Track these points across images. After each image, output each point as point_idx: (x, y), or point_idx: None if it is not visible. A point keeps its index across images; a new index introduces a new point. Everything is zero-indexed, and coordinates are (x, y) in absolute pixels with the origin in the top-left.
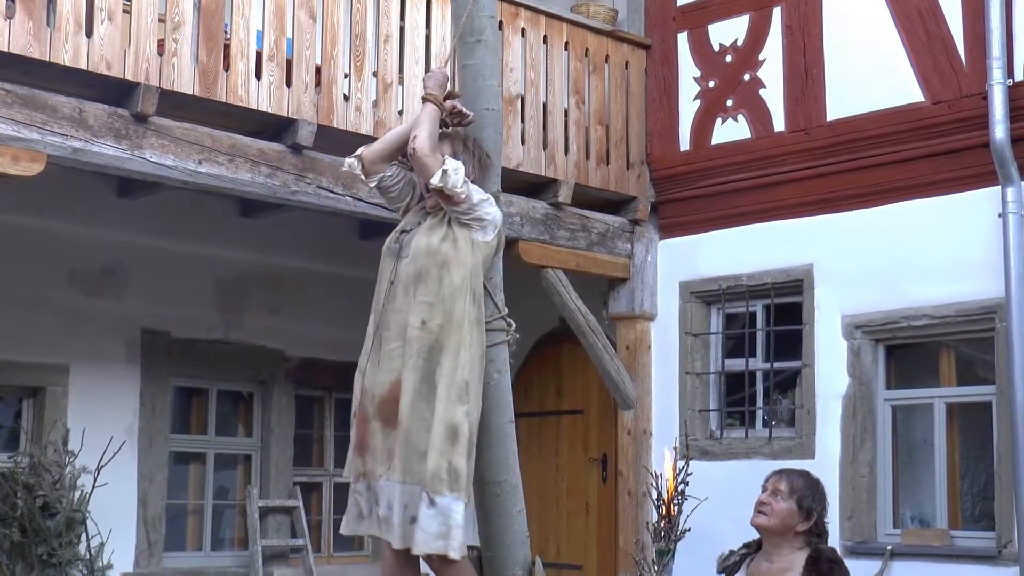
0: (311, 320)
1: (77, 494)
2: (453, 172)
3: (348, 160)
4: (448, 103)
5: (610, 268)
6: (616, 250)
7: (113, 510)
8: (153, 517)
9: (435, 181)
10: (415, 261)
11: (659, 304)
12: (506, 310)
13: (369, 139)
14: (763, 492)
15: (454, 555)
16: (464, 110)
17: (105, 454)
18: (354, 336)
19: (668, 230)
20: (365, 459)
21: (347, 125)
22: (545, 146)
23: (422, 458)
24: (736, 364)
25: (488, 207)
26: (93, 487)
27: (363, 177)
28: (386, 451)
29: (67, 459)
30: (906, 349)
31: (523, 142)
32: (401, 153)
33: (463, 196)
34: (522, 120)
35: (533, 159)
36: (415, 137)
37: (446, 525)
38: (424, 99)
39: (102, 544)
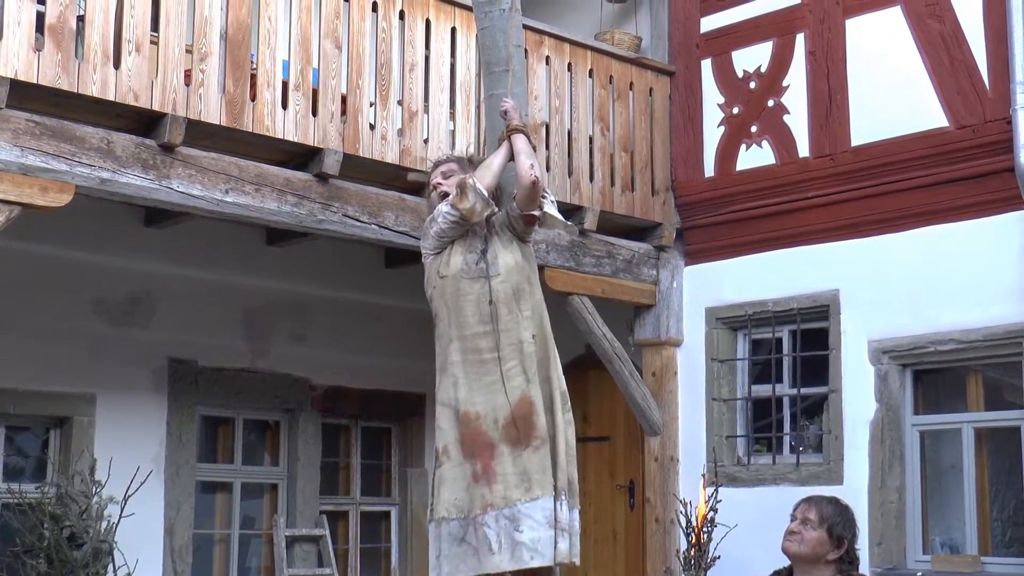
0: (337, 348)
1: (104, 524)
2: (553, 200)
3: (479, 194)
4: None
5: (636, 294)
6: (642, 276)
7: (140, 540)
8: (180, 547)
9: (552, 211)
10: (509, 279)
11: (685, 330)
12: None
13: (395, 168)
14: (793, 520)
15: (576, 561)
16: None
17: (132, 484)
18: (380, 363)
19: (694, 256)
20: (493, 488)
21: (373, 154)
22: (570, 173)
23: (560, 470)
24: (763, 390)
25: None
26: (120, 517)
27: (488, 211)
28: (519, 473)
29: (94, 489)
30: (933, 374)
31: (548, 169)
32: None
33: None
34: (547, 147)
35: (559, 186)
36: (533, 166)
37: (574, 533)
38: (514, 131)
39: (129, 574)
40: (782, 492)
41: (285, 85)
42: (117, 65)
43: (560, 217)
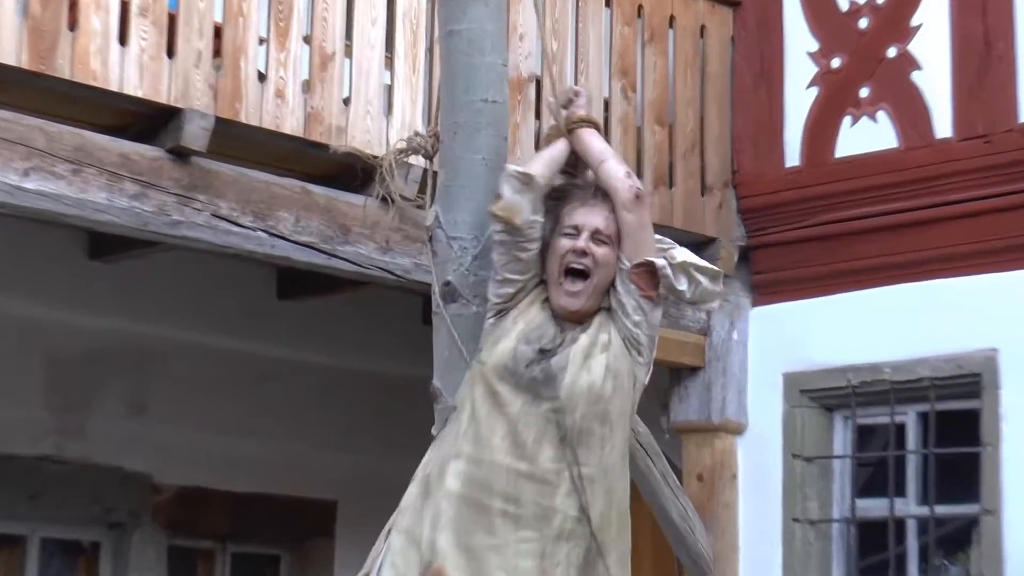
0: (197, 426)
1: None
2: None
3: (516, 179)
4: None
5: (673, 350)
6: (683, 322)
7: None
8: None
9: (692, 258)
10: (573, 410)
11: (751, 409)
12: None
13: (298, 142)
14: None
15: None
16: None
17: None
18: (265, 451)
19: (765, 291)
20: None
21: (263, 119)
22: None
23: None
24: (875, 507)
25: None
26: None
27: (523, 210)
28: None
29: None
30: None
31: (539, 148)
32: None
33: (662, 305)
34: (538, 116)
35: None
36: (631, 174)
37: None
38: (582, 123)
39: None
40: None
41: (124, 6)
42: None
43: (711, 269)
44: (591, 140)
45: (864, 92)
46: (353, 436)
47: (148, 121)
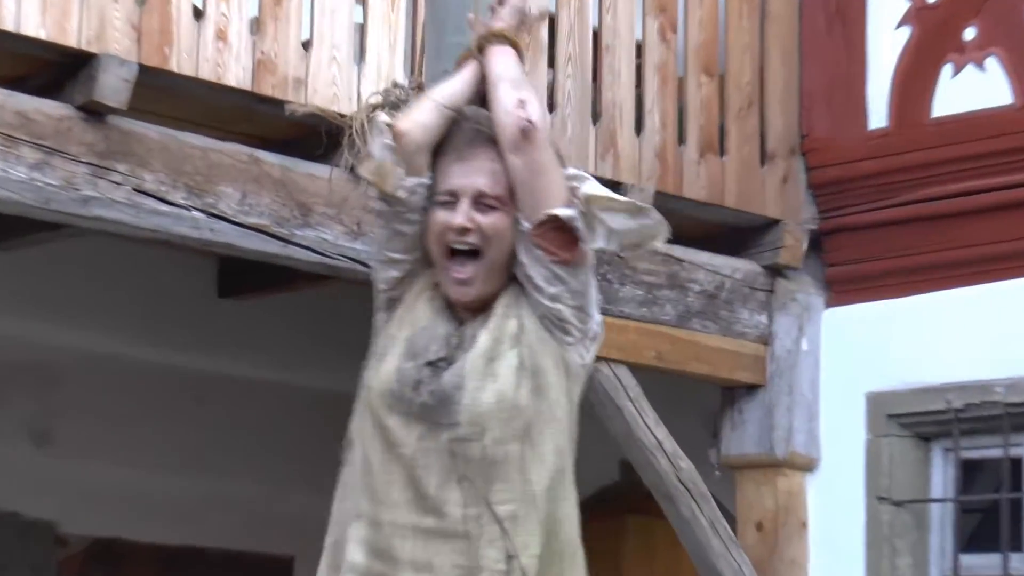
0: (115, 460)
1: None
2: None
3: (382, 120)
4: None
5: (725, 364)
6: (737, 327)
7: None
8: None
9: (599, 191)
10: (481, 436)
11: (824, 438)
12: None
13: (245, 97)
14: None
15: None
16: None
17: None
18: (202, 493)
19: (843, 288)
20: None
21: (199, 68)
22: (596, 117)
23: None
24: (984, 564)
25: (597, 296)
26: None
27: (393, 177)
28: None
29: None
30: None
31: (552, 108)
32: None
33: (588, 263)
34: (551, 63)
35: (569, 141)
36: (524, 103)
37: None
38: (495, 38)
39: None
40: None
41: None
42: None
43: (626, 203)
44: (496, 62)
45: (970, 33)
46: (315, 473)
47: (53, 70)
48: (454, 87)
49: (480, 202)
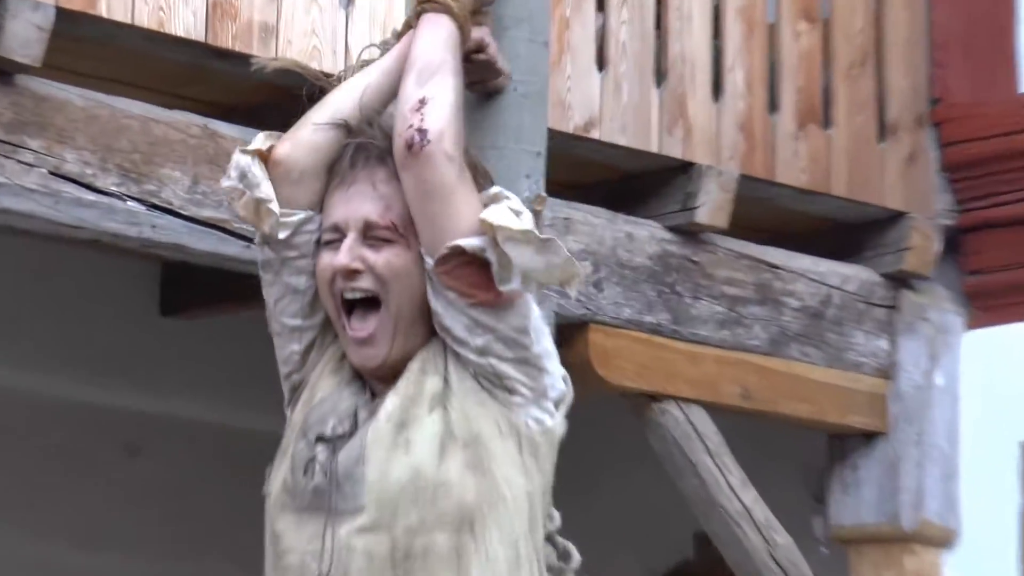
0: (24, 529)
1: None
2: (519, 219)
3: (237, 159)
4: (477, 32)
5: (834, 403)
6: (849, 355)
7: None
8: None
9: (510, 222)
10: (392, 523)
11: (966, 504)
12: None
13: (198, 49)
14: None
15: None
16: (497, 57)
17: None
18: (137, 570)
19: (989, 303)
20: None
21: (134, 13)
22: (660, 76)
23: None
24: None
25: (552, 347)
26: None
27: (266, 209)
28: None
29: None
30: None
31: (601, 67)
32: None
33: (522, 302)
34: (600, 6)
35: (625, 109)
36: (422, 103)
37: None
38: (427, 7)
39: None
40: None
41: None
42: None
43: (528, 234)
44: (417, 40)
45: None
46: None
47: None
48: (371, 78)
49: (370, 235)
